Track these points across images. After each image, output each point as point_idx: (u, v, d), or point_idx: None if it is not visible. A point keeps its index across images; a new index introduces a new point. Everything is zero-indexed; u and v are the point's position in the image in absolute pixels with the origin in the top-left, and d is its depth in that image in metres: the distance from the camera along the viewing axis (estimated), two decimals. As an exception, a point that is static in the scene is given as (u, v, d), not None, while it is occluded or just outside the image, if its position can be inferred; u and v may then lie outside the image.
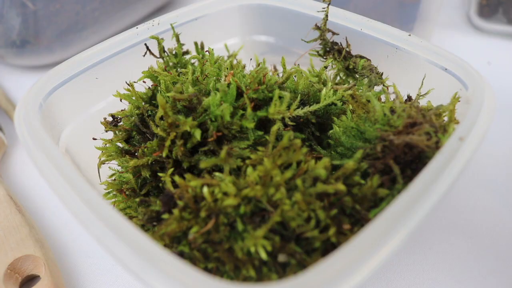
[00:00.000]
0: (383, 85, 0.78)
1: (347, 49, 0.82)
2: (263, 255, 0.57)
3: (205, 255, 0.61)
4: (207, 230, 0.60)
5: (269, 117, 0.68)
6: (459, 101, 0.70)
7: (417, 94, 0.76)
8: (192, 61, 0.84)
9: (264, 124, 0.69)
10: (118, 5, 1.25)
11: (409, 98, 0.76)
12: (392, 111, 0.67)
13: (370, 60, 0.81)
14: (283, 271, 0.59)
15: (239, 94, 0.69)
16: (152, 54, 0.82)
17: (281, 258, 0.59)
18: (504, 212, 0.87)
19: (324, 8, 0.81)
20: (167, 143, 0.67)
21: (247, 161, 0.64)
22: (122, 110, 0.77)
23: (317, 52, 0.84)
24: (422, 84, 0.77)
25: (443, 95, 0.74)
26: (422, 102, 0.75)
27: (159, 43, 0.81)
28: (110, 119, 0.77)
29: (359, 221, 0.60)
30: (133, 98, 0.76)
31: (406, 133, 0.63)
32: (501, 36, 1.28)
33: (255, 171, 0.61)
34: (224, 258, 0.60)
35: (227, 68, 0.77)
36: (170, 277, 0.50)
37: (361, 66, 0.80)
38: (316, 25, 0.82)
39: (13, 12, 1.11)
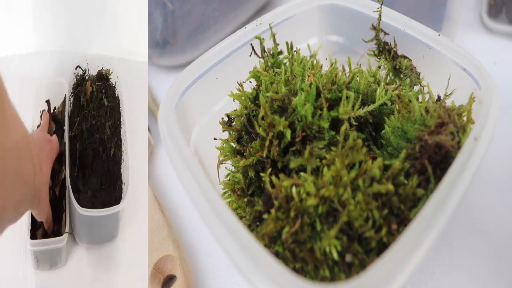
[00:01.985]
0: (420, 85, 0.81)
1: (395, 49, 0.83)
2: (335, 255, 0.59)
3: (293, 255, 0.62)
4: (295, 230, 0.61)
5: (340, 117, 0.69)
6: (474, 101, 0.71)
7: (445, 94, 0.77)
8: (284, 61, 0.84)
9: (335, 124, 0.70)
10: (233, 4, 1.26)
11: (439, 98, 0.77)
12: (427, 111, 0.68)
13: (411, 60, 0.83)
14: (349, 271, 0.61)
15: (317, 94, 0.70)
16: (256, 54, 0.83)
17: (348, 258, 0.60)
18: (506, 212, 0.89)
19: (378, 8, 0.83)
20: (266, 143, 0.68)
21: (324, 161, 0.65)
22: (234, 110, 0.79)
23: (373, 52, 0.85)
24: (448, 84, 0.78)
25: (461, 95, 0.75)
26: (447, 102, 0.76)
27: (261, 43, 0.83)
28: (226, 119, 0.80)
29: (403, 221, 0.62)
30: (242, 98, 0.77)
31: (437, 133, 0.64)
32: (506, 36, 1.26)
33: (329, 171, 0.62)
34: (307, 258, 0.61)
35: (309, 68, 0.78)
36: (271, 279, 0.53)
37: (405, 66, 0.81)
38: (372, 25, 0.84)
39: (157, 12, 1.15)
